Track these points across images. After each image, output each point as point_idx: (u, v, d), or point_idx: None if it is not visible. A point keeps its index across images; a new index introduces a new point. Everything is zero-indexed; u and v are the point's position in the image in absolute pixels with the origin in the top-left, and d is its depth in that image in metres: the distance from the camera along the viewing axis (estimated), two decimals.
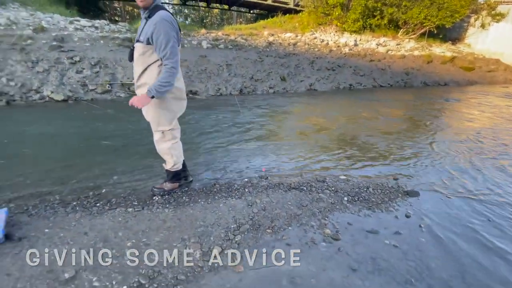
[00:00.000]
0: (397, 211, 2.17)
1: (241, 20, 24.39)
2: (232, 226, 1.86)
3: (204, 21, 25.76)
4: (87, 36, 7.15)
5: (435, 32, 13.78)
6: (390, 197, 2.37)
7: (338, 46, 11.64)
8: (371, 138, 3.99)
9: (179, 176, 2.27)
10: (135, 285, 1.35)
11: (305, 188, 2.42)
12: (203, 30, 11.35)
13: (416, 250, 1.75)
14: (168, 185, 2.24)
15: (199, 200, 2.14)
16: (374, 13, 12.87)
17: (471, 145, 3.83)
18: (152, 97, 1.77)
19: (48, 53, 6.06)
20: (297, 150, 3.40)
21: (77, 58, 6.17)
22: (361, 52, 11.30)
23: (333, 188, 2.45)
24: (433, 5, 12.41)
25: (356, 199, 2.29)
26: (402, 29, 13.55)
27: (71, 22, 7.90)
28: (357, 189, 2.45)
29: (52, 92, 5.46)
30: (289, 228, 1.89)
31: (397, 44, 12.58)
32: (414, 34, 13.63)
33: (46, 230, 1.68)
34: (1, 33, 6.15)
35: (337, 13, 12.80)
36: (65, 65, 5.97)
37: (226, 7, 19.28)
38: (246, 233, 1.81)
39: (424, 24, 13.02)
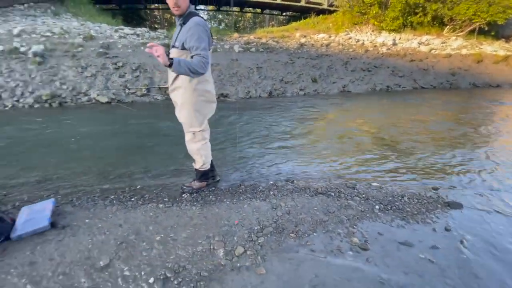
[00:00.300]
0: (436, 224, 1.99)
1: (273, 23, 24.48)
2: (256, 228, 1.86)
3: (237, 25, 26.34)
4: (129, 43, 7.72)
5: (486, 29, 12.46)
6: (428, 208, 2.18)
7: (375, 46, 11.10)
8: (410, 143, 3.73)
9: (207, 176, 2.34)
10: (161, 277, 1.41)
11: (333, 194, 2.33)
12: (236, 34, 11.60)
13: (456, 267, 1.59)
14: (196, 184, 2.31)
15: (225, 200, 2.18)
16: (416, 10, 12.04)
17: None
18: (170, 65, 1.64)
19: (95, 59, 6.66)
20: (327, 154, 3.30)
21: (120, 64, 6.69)
22: (400, 52, 10.65)
23: (364, 195, 2.33)
24: (483, 0, 11.25)
25: (389, 208, 2.15)
26: (448, 26, 12.49)
27: (116, 31, 8.60)
28: (390, 198, 2.30)
29: (98, 95, 5.98)
30: (314, 234, 1.83)
31: (442, 43, 11.62)
32: (461, 31, 12.47)
33: (87, 220, 1.84)
34: (56, 41, 6.91)
35: (374, 12, 12.23)
36: (109, 70, 6.51)
37: (258, 10, 19.51)
38: (269, 235, 1.79)
39: (473, 21, 11.85)
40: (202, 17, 1.89)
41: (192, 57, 1.77)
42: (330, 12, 14.57)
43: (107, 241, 1.64)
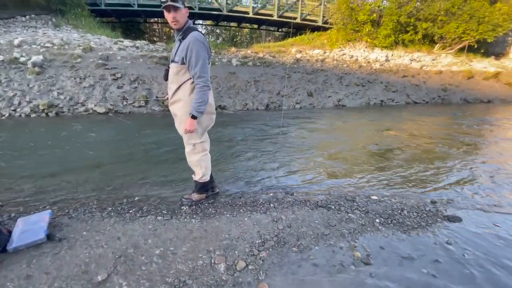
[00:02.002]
0: (436, 237, 1.98)
1: (269, 38, 25.11)
2: (257, 242, 1.83)
3: (235, 40, 26.92)
4: (129, 55, 7.81)
5: (476, 46, 13.00)
6: (428, 221, 2.19)
7: (368, 62, 11.43)
8: (406, 156, 3.77)
9: (206, 187, 2.32)
10: None
11: (333, 207, 2.33)
12: (233, 49, 11.84)
13: (460, 283, 1.58)
14: (196, 196, 2.29)
15: (225, 213, 2.16)
16: (407, 29, 12.54)
17: None
18: (195, 117, 1.90)
19: (94, 70, 6.70)
20: (326, 167, 3.31)
21: (119, 75, 6.74)
22: (393, 68, 10.97)
23: (363, 209, 2.32)
24: (472, 19, 11.79)
25: (389, 222, 2.15)
26: (438, 44, 12.99)
27: (115, 43, 8.70)
28: (390, 211, 2.30)
29: (95, 105, 5.97)
30: (316, 248, 1.81)
31: (432, 60, 12.03)
32: (451, 49, 12.98)
33: (84, 233, 1.79)
34: (55, 52, 6.95)
35: (367, 30, 12.68)
36: (108, 81, 6.54)
37: (255, 26, 20.03)
38: (271, 249, 1.77)
39: (462, 39, 12.36)
40: (201, 32, 1.94)
41: (193, 81, 1.88)
42: (325, 29, 15.05)
43: (105, 254, 1.60)
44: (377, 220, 2.15)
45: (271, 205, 2.32)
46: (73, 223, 1.91)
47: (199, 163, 2.15)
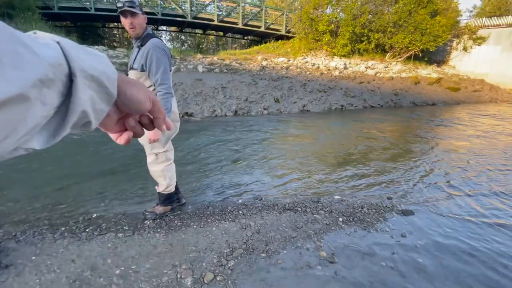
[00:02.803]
0: (392, 231, 2.15)
1: (235, 45, 25.37)
2: (225, 251, 1.81)
3: (200, 46, 26.69)
4: None
5: (420, 55, 14.55)
6: (385, 216, 2.36)
7: (329, 69, 12.10)
8: (366, 157, 4.04)
9: (172, 199, 2.24)
10: None
11: (299, 209, 2.39)
12: (199, 55, 11.74)
13: (415, 272, 1.72)
14: (160, 209, 2.20)
15: (192, 224, 2.10)
16: (362, 39, 13.60)
17: (467, 164, 3.90)
18: None
19: None
20: (291, 171, 3.40)
21: None
22: (351, 75, 11.74)
23: (328, 209, 2.43)
24: (416, 31, 13.20)
25: (351, 220, 2.27)
26: (389, 53, 14.27)
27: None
28: (351, 209, 2.44)
29: None
30: (284, 251, 1.85)
31: (385, 67, 13.14)
32: (400, 57, 14.34)
33: (33, 258, 1.61)
34: None
35: (326, 39, 13.46)
36: None
37: (221, 33, 20.12)
38: (239, 257, 1.76)
39: (409, 48, 13.76)
40: (160, 38, 1.91)
41: (154, 88, 1.81)
42: (288, 38, 15.66)
43: (58, 280, 1.45)
44: (340, 219, 2.26)
45: (240, 212, 2.32)
46: (21, 247, 1.71)
47: (163, 173, 2.07)
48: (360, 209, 2.46)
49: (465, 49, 16.05)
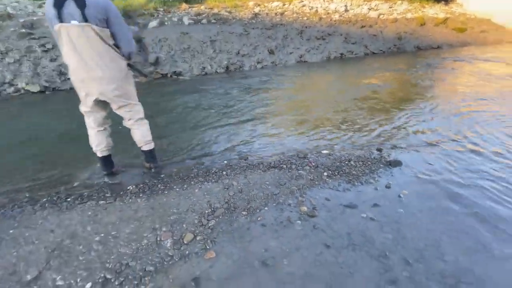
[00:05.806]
0: (377, 183, 2.12)
1: None
2: (207, 211, 1.81)
3: None
4: None
5: None
6: (371, 168, 2.31)
7: (328, 13, 11.06)
8: (360, 109, 3.87)
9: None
10: (100, 280, 1.32)
11: (284, 166, 2.35)
12: (184, 5, 10.69)
13: (393, 222, 1.72)
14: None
15: (174, 187, 2.08)
16: None
17: (461, 113, 3.73)
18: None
19: (17, 42, 5.71)
20: (281, 127, 3.29)
21: (50, 46, 5.83)
22: (352, 18, 10.76)
23: (313, 164, 2.38)
24: None
25: (336, 174, 2.24)
26: None
27: (40, 6, 7.38)
28: (338, 163, 2.39)
29: (27, 84, 5.22)
30: (265, 208, 1.85)
31: (389, 7, 11.97)
32: None
33: (11, 231, 1.63)
34: None
35: None
36: (37, 54, 5.65)
37: None
38: (220, 217, 1.76)
39: None
40: None
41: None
42: None
43: (36, 251, 1.48)
44: (325, 174, 2.23)
45: (224, 172, 2.28)
46: None
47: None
48: (347, 162, 2.40)
49: None
